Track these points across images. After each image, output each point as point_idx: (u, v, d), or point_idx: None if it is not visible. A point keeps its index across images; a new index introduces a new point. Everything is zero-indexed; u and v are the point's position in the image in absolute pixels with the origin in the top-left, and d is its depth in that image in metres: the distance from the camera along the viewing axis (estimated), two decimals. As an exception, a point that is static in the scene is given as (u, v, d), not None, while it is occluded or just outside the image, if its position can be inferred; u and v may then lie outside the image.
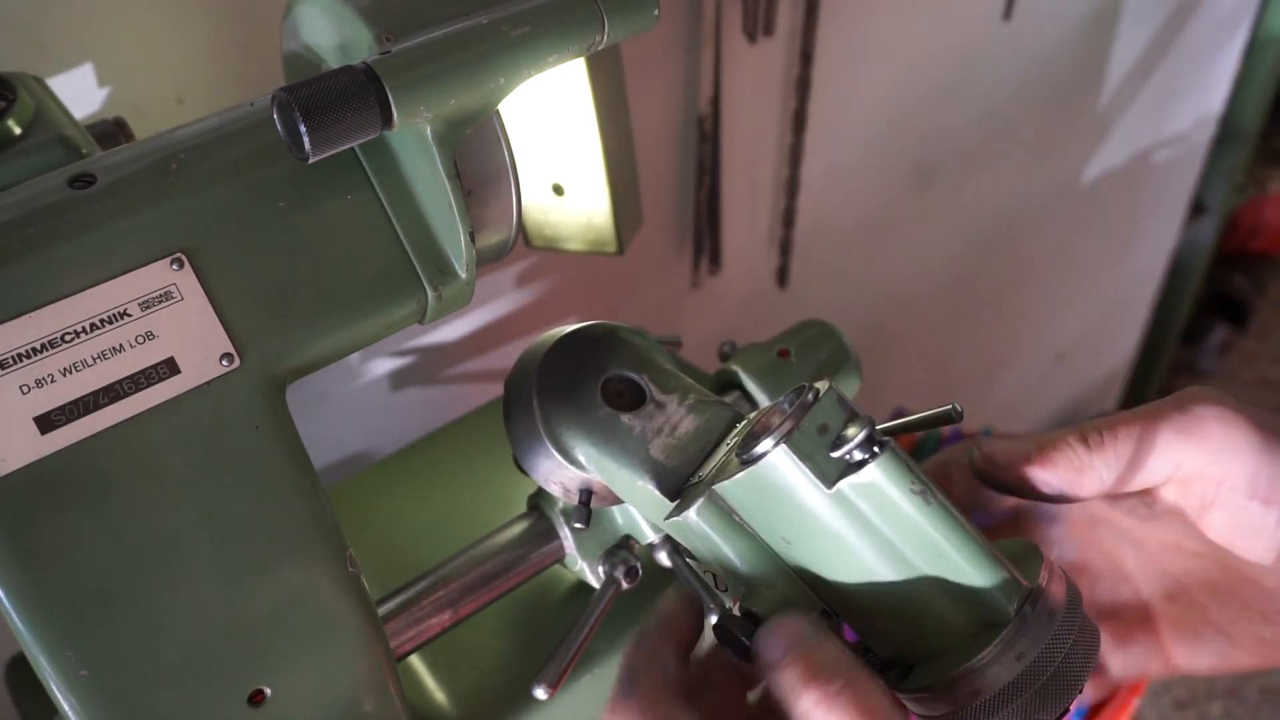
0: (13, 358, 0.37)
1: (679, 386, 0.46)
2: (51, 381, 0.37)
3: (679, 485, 0.43)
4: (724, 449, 0.43)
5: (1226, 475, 0.42)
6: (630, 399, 0.46)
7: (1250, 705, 1.72)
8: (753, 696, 0.44)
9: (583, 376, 0.45)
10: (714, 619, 0.41)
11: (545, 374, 0.45)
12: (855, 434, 0.37)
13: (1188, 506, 0.44)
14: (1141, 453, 0.42)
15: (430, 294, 0.44)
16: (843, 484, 0.37)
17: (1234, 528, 0.43)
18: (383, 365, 0.87)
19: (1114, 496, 0.45)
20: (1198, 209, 2.07)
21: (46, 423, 0.37)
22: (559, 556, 0.54)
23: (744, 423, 0.44)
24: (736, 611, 0.41)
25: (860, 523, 0.38)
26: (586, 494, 0.47)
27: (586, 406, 0.45)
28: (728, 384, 0.60)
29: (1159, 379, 2.37)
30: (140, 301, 0.39)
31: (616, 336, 0.47)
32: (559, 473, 0.46)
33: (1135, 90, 1.62)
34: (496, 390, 0.58)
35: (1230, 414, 0.42)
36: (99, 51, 0.61)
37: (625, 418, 0.45)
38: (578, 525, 0.48)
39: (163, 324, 0.39)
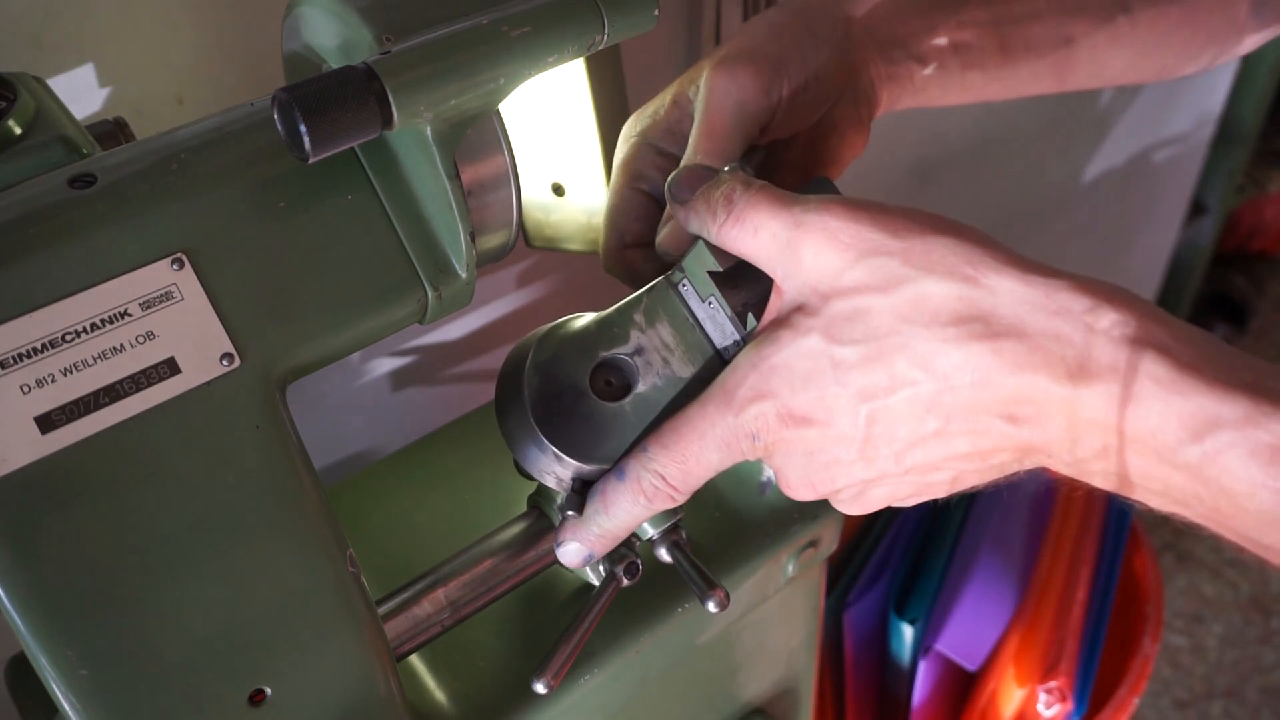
0: (13, 358, 0.37)
1: None
2: (52, 381, 0.37)
3: None
4: None
5: None
6: (619, 387, 0.46)
7: (1250, 705, 1.72)
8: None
9: (571, 366, 0.46)
10: (713, 608, 0.42)
11: (534, 367, 0.46)
12: None
13: None
14: None
15: (430, 294, 0.44)
16: None
17: None
18: (383, 365, 0.86)
19: None
20: (1197, 209, 2.06)
21: (47, 423, 0.37)
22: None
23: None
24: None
25: None
26: (579, 482, 0.47)
27: (575, 397, 0.45)
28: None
29: (1159, 379, 2.36)
30: (141, 301, 0.39)
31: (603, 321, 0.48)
32: (553, 465, 0.46)
33: (1135, 90, 1.62)
34: (496, 390, 0.58)
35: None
36: (99, 51, 0.61)
37: (614, 405, 0.45)
38: (570, 513, 0.48)
39: (163, 324, 0.39)
